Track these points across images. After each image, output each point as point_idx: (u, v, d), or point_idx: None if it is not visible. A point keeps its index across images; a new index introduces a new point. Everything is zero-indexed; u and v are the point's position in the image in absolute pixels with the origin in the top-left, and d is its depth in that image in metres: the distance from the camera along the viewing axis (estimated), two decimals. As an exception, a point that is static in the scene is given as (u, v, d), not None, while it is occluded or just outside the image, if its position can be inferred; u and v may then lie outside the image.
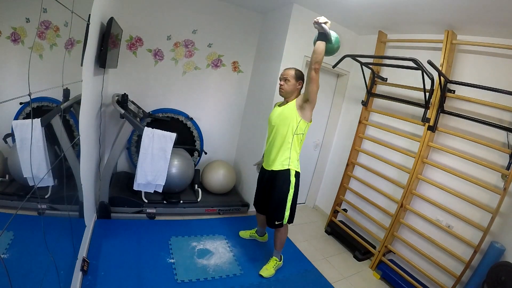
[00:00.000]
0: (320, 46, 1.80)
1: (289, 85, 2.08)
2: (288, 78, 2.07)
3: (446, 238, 2.29)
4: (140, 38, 2.84)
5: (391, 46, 2.87)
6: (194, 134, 3.31)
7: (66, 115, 1.51)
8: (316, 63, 1.82)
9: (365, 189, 2.96)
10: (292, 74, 2.08)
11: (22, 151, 1.01)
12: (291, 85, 2.08)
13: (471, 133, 2.22)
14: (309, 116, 2.05)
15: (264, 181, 2.26)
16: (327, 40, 1.81)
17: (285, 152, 2.09)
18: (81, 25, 1.52)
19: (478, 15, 1.95)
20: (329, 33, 1.80)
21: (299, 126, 2.04)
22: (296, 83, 2.08)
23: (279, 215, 2.12)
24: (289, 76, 2.07)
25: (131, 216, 2.63)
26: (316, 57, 1.81)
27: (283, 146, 2.08)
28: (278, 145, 2.09)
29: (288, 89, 2.08)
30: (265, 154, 2.27)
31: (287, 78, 2.08)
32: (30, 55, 1.03)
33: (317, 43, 1.82)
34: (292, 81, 2.07)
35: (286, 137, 2.06)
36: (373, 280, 2.53)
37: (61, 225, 1.51)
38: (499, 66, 2.12)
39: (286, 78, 2.08)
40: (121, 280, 1.89)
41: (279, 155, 2.10)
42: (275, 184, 2.13)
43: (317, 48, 1.81)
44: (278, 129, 2.08)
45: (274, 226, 2.19)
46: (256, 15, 3.26)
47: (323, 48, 1.81)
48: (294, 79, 2.07)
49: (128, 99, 2.48)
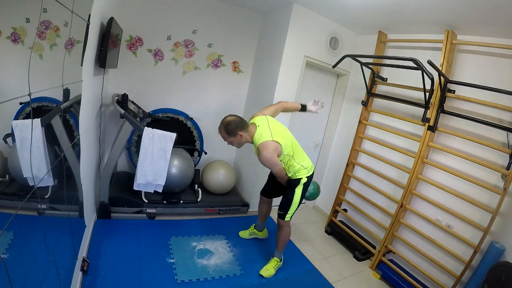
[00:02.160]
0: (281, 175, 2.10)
1: (234, 143, 2.03)
2: (228, 140, 2.03)
3: (446, 238, 2.29)
4: (140, 38, 2.84)
5: (391, 46, 2.87)
6: (194, 134, 3.30)
7: (66, 115, 1.51)
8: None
9: (365, 189, 2.96)
10: (225, 135, 2.00)
11: (22, 151, 1.01)
12: (236, 142, 2.02)
13: (471, 133, 2.22)
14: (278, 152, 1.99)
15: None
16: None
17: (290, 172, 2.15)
18: (81, 25, 1.52)
19: (478, 15, 1.95)
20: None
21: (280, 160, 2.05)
22: (236, 137, 1.99)
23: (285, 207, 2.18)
24: (226, 139, 2.03)
25: (131, 216, 2.62)
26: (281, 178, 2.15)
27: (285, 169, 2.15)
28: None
29: (237, 144, 2.05)
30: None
31: (227, 141, 2.04)
32: (30, 55, 1.03)
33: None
34: (233, 139, 2.00)
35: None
36: (373, 280, 2.53)
37: (61, 225, 1.51)
38: (499, 66, 2.12)
39: (227, 141, 2.05)
40: (121, 280, 1.89)
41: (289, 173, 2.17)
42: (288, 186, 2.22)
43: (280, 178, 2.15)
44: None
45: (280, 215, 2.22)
46: (256, 15, 3.26)
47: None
48: (232, 136, 1.99)
49: (128, 99, 2.47)
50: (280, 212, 2.20)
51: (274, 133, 1.97)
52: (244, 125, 1.99)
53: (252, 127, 2.02)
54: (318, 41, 2.96)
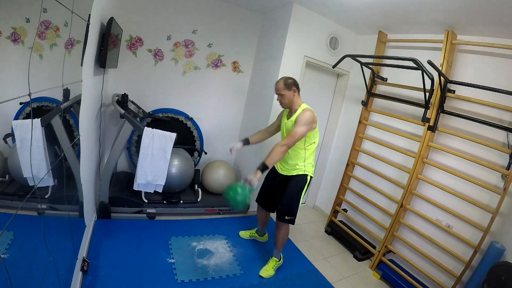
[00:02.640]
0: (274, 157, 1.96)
1: (285, 98, 2.10)
2: (281, 92, 2.10)
3: (446, 238, 2.29)
4: (140, 38, 2.84)
5: (391, 46, 2.87)
6: (194, 134, 3.30)
7: (66, 115, 1.51)
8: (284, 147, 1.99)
9: (365, 189, 2.96)
10: (282, 86, 2.08)
11: (22, 151, 1.00)
12: (286, 97, 2.10)
13: (471, 133, 2.22)
14: (313, 126, 2.07)
15: (277, 182, 2.30)
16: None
17: (300, 160, 2.16)
18: (81, 25, 1.52)
19: (478, 15, 1.95)
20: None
21: (307, 136, 2.08)
22: (290, 92, 2.08)
23: (291, 211, 2.16)
24: (281, 90, 2.09)
25: (131, 216, 2.62)
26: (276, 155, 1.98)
27: (298, 156, 2.15)
28: (292, 155, 2.16)
29: (286, 101, 2.12)
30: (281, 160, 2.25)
31: (280, 93, 2.10)
32: (30, 55, 1.03)
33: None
34: (286, 93, 2.08)
35: (299, 149, 2.13)
36: (373, 280, 2.53)
37: (61, 225, 1.51)
38: (499, 66, 2.12)
39: (280, 93, 2.10)
40: (121, 280, 1.89)
41: (295, 163, 2.17)
42: (290, 184, 2.19)
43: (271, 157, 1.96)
44: None
45: (284, 221, 2.19)
46: (256, 15, 3.26)
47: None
48: (287, 90, 2.08)
49: (128, 99, 2.47)
50: (288, 218, 2.16)
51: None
52: (299, 89, 2.13)
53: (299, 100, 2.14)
54: (318, 41, 2.96)
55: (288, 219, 2.18)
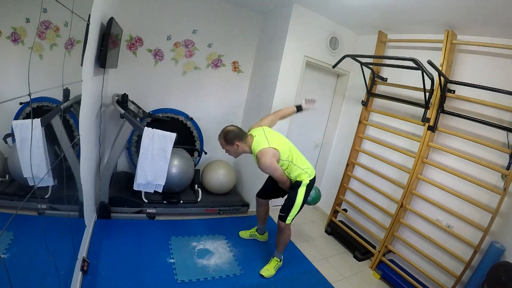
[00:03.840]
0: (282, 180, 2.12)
1: (231, 152, 2.13)
2: (225, 148, 2.12)
3: (446, 238, 2.29)
4: (140, 38, 2.84)
5: (391, 46, 2.87)
6: (194, 134, 3.30)
7: (66, 115, 1.51)
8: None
9: (365, 189, 2.96)
10: (223, 143, 2.09)
11: (22, 151, 1.00)
12: (232, 151, 2.12)
13: (471, 133, 2.22)
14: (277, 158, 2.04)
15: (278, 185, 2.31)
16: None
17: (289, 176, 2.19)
18: (81, 25, 1.52)
19: (478, 15, 1.95)
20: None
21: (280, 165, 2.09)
22: (233, 146, 2.07)
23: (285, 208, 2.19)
24: (224, 146, 2.11)
25: (131, 216, 2.62)
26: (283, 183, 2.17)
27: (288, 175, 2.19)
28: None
29: (233, 154, 2.14)
30: None
31: (224, 148, 2.12)
32: (30, 55, 1.03)
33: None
34: (230, 148, 2.09)
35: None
36: (373, 280, 2.53)
37: (61, 225, 1.51)
38: (499, 66, 2.12)
39: (224, 149, 2.13)
40: (121, 280, 1.89)
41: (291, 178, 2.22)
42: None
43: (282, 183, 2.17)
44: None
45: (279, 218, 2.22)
46: (256, 15, 3.26)
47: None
48: (229, 145, 2.08)
49: (128, 99, 2.47)
50: (282, 214, 2.20)
51: (271, 140, 2.06)
52: (242, 136, 2.08)
53: (250, 138, 2.12)
54: (318, 41, 2.96)
55: (281, 215, 2.21)
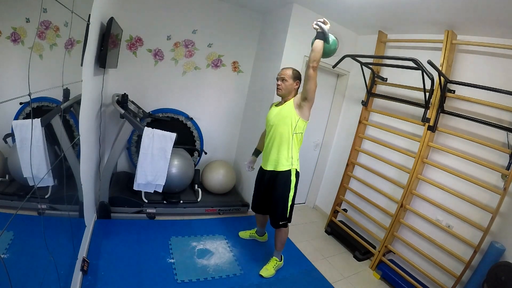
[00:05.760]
0: (318, 44, 1.84)
1: (286, 85, 2.07)
2: (285, 78, 2.07)
3: (446, 238, 2.29)
4: (140, 38, 2.84)
5: (391, 46, 2.87)
6: (194, 134, 3.31)
7: (66, 115, 1.51)
8: (314, 61, 1.84)
9: (365, 189, 2.96)
10: (289, 74, 2.07)
11: (22, 151, 1.01)
12: (288, 85, 2.07)
13: (471, 133, 2.22)
14: (307, 115, 2.06)
15: (265, 182, 2.23)
16: (325, 39, 1.85)
17: (285, 151, 2.08)
18: (81, 25, 1.52)
19: (478, 15, 1.95)
20: (327, 32, 1.83)
21: (298, 125, 2.04)
22: (293, 82, 2.07)
23: (282, 215, 2.15)
24: (286, 76, 2.07)
25: (131, 216, 2.62)
26: (314, 56, 1.83)
27: (283, 146, 2.08)
28: (277, 145, 2.09)
29: (285, 88, 2.08)
30: (264, 154, 2.25)
31: (284, 78, 2.07)
32: (30, 55, 1.03)
33: (315, 41, 1.85)
34: (290, 81, 2.07)
35: (285, 136, 2.06)
36: (373, 280, 2.53)
37: (61, 225, 1.51)
38: (499, 66, 2.12)
39: (284, 78, 2.07)
40: (121, 280, 1.89)
41: (280, 155, 2.09)
42: (276, 185, 2.14)
43: (315, 47, 1.84)
44: (277, 129, 2.08)
45: (278, 226, 2.19)
46: (256, 15, 3.26)
47: (321, 47, 1.84)
48: (292, 79, 2.07)
49: (128, 99, 2.47)
50: (282, 222, 2.16)
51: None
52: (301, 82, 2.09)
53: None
54: (318, 41, 2.96)
55: (282, 224, 2.18)
